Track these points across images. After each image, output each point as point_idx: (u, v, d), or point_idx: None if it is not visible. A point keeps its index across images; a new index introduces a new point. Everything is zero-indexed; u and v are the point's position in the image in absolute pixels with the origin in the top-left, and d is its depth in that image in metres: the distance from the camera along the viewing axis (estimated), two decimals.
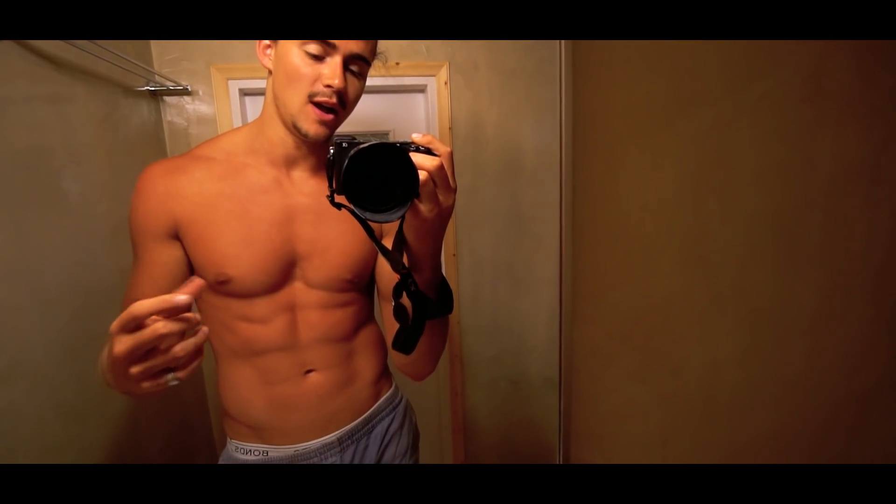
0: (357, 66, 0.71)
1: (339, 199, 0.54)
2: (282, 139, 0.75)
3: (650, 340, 1.05)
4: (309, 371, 0.80)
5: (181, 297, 0.46)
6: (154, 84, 1.38)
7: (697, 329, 1.06)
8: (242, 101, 1.49)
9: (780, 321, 1.08)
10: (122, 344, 0.46)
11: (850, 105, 1.00)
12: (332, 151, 0.53)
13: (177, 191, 0.72)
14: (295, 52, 0.68)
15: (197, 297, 0.48)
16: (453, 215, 1.77)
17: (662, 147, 0.98)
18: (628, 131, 0.97)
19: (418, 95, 1.62)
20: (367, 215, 0.48)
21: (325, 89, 0.68)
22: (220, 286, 0.74)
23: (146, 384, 0.49)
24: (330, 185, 0.55)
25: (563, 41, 0.90)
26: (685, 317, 1.05)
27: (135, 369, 0.47)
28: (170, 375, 0.50)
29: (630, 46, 0.95)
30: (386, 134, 1.63)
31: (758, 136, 0.99)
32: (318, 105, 0.69)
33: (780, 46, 0.96)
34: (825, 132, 1.00)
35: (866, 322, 1.11)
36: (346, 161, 0.48)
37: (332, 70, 0.68)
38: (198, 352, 0.49)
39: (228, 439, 0.84)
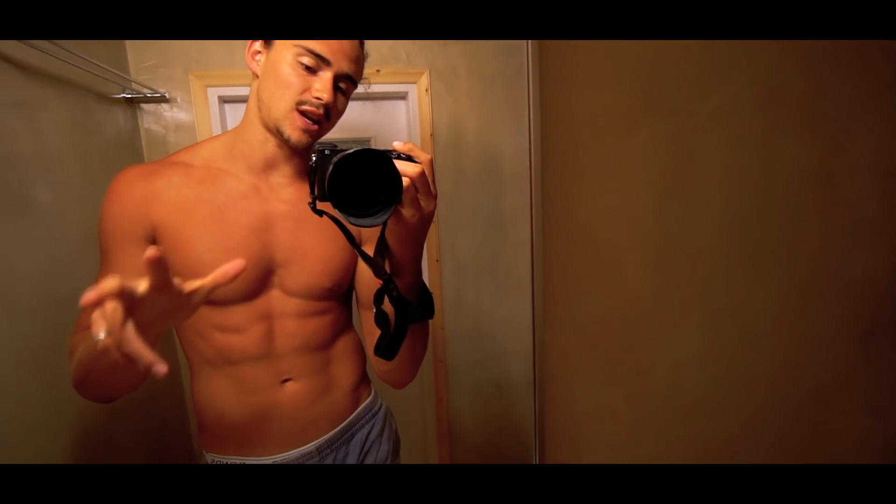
0: (345, 85, 0.74)
1: (322, 205, 0.55)
2: (261, 142, 0.75)
3: (619, 343, 1.07)
4: (286, 380, 0.79)
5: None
6: (130, 91, 1.36)
7: (664, 331, 1.09)
8: (222, 108, 1.48)
9: (743, 321, 1.12)
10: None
11: (803, 113, 1.05)
12: (314, 158, 0.54)
13: (154, 194, 0.72)
14: (289, 61, 0.69)
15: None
16: (436, 220, 1.78)
17: (626, 154, 1.01)
18: (594, 139, 1.00)
19: (399, 102, 1.63)
20: (352, 220, 0.49)
21: (314, 100, 0.70)
22: None
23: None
24: (312, 192, 0.55)
25: (529, 50, 0.92)
26: (652, 319, 1.08)
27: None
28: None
29: (594, 57, 0.98)
30: (368, 140, 1.63)
31: (717, 144, 1.03)
32: (304, 114, 0.71)
33: (734, 58, 1.00)
34: (780, 139, 1.04)
35: (824, 320, 1.16)
36: (331, 167, 0.49)
37: (322, 84, 0.70)
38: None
39: (204, 452, 0.82)
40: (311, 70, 0.70)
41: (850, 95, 1.06)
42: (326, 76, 0.70)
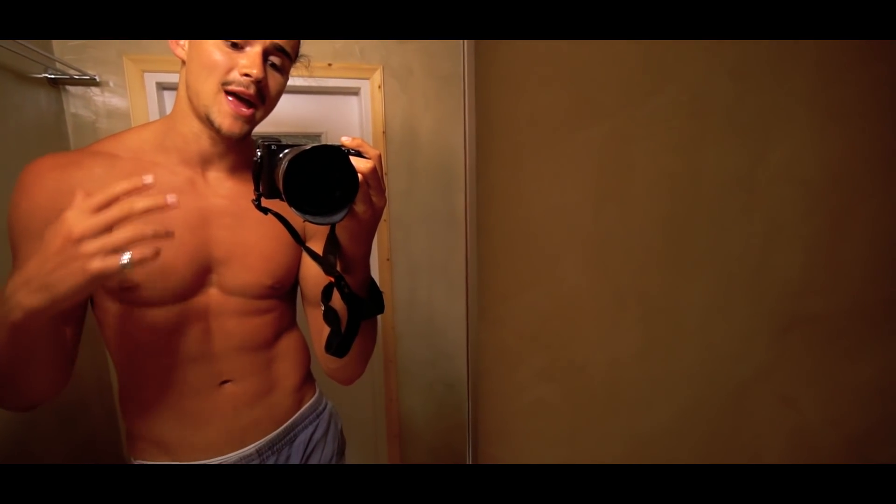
0: (278, 59, 0.68)
1: (267, 202, 0.53)
2: (195, 135, 0.70)
3: (556, 340, 1.11)
4: (225, 382, 0.76)
5: (149, 176, 0.51)
6: (54, 71, 1.25)
7: (600, 328, 1.15)
8: (160, 95, 1.39)
9: (675, 319, 1.20)
10: (84, 223, 0.49)
11: (728, 122, 1.14)
12: (259, 154, 0.52)
13: (70, 188, 0.65)
14: (210, 40, 0.64)
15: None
16: (386, 219, 1.77)
17: (564, 155, 1.05)
18: (532, 139, 1.03)
19: (351, 98, 1.60)
20: (309, 218, 0.48)
21: (243, 79, 0.64)
22: (126, 293, 0.68)
23: (97, 263, 0.48)
24: (256, 189, 0.54)
25: (465, 49, 0.94)
26: (589, 316, 1.13)
27: (92, 246, 0.48)
28: (126, 255, 0.49)
29: (533, 58, 1.01)
30: (318, 136, 1.59)
31: (650, 148, 1.09)
32: (235, 95, 0.65)
33: (668, 66, 1.07)
34: (708, 146, 1.13)
35: (745, 317, 1.26)
36: (286, 164, 0.47)
37: (250, 60, 0.64)
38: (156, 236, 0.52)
39: (132, 460, 0.77)
40: (237, 46, 0.64)
41: (771, 107, 1.17)
42: (254, 50, 0.64)
